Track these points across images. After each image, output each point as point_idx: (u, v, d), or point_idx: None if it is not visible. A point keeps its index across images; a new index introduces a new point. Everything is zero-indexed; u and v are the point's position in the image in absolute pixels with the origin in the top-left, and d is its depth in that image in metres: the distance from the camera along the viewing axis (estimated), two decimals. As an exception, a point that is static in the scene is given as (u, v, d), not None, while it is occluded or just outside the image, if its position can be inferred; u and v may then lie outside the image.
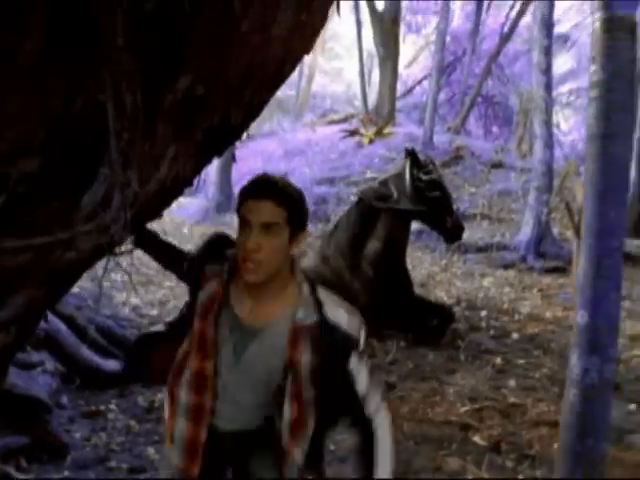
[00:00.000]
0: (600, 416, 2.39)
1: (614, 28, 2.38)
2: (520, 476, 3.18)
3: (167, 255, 2.07)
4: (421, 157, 4.55)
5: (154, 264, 8.48)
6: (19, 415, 3.18)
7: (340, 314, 1.59)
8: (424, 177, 4.01)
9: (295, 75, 21.97)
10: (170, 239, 8.04)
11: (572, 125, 20.59)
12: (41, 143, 1.25)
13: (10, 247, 1.26)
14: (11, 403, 3.14)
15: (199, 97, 1.47)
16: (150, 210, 1.66)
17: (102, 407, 3.72)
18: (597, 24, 2.43)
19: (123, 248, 1.69)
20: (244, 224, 1.50)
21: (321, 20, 1.56)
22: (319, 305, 1.58)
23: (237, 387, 1.61)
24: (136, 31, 1.14)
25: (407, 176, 3.96)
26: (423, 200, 3.99)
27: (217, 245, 2.07)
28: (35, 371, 3.45)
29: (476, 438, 3.51)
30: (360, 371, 1.58)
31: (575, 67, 20.83)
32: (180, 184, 1.68)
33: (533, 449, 3.41)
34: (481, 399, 4.07)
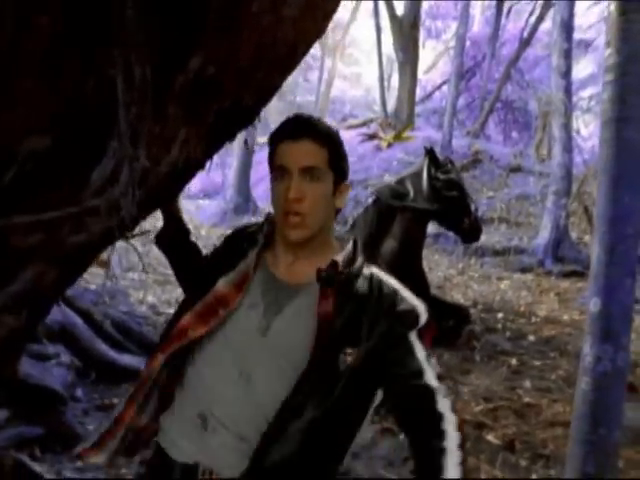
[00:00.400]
0: (613, 405, 2.35)
1: (629, 11, 2.35)
2: (534, 475, 3.15)
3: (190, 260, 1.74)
4: (440, 157, 4.53)
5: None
6: (34, 405, 3.21)
7: (394, 282, 1.33)
8: (442, 176, 3.98)
9: (314, 80, 22.07)
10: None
11: (592, 131, 20.41)
12: (52, 122, 1.27)
13: (20, 224, 1.28)
14: (26, 393, 3.18)
15: (210, 79, 1.48)
16: (161, 192, 1.67)
17: (116, 400, 3.75)
18: (612, 7, 2.41)
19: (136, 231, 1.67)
20: (280, 173, 1.31)
21: (333, 2, 1.57)
22: (362, 263, 1.34)
23: (260, 369, 1.27)
24: (146, 6, 1.15)
25: (424, 175, 3.94)
26: (440, 199, 3.97)
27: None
28: (50, 363, 3.49)
29: (490, 437, 3.48)
30: (419, 352, 1.27)
31: (595, 72, 20.68)
32: (192, 167, 1.68)
33: (547, 449, 3.37)
34: (496, 399, 4.04)
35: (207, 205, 12.40)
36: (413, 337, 1.27)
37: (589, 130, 20.80)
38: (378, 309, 1.27)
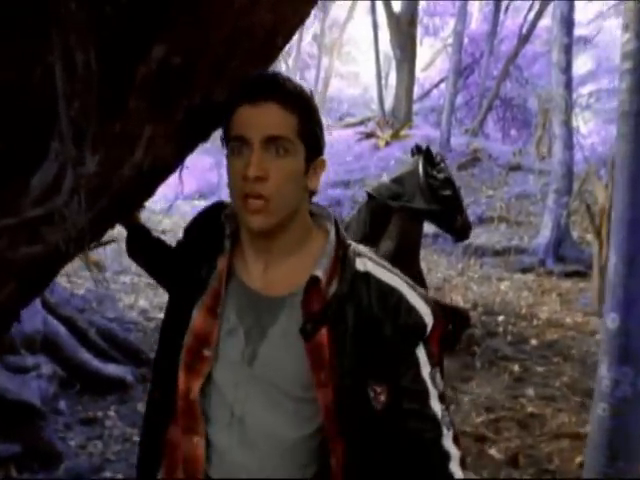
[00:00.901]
0: (633, 434, 2.14)
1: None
2: (539, 493, 2.99)
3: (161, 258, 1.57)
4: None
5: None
6: (11, 421, 3.04)
7: (393, 279, 1.11)
8: (439, 175, 3.81)
9: (311, 79, 21.88)
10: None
11: (592, 128, 20.25)
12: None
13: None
14: (2, 409, 3.01)
15: (176, 69, 1.30)
16: (126, 199, 1.50)
17: (100, 414, 3.57)
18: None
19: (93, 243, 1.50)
20: (237, 145, 1.06)
21: (315, -15, 1.40)
22: (352, 259, 1.10)
23: (251, 406, 1.09)
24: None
25: (421, 174, 3.77)
26: (437, 198, 3.80)
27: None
28: (29, 375, 3.32)
29: (492, 451, 3.31)
30: (425, 369, 1.11)
31: (594, 69, 20.50)
32: (160, 170, 1.51)
33: (553, 463, 3.21)
34: (498, 409, 3.87)
35: (202, 206, 12.16)
36: (420, 350, 1.10)
37: (588, 127, 20.63)
38: (384, 325, 1.07)
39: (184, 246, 1.33)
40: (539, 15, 15.89)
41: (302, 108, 1.07)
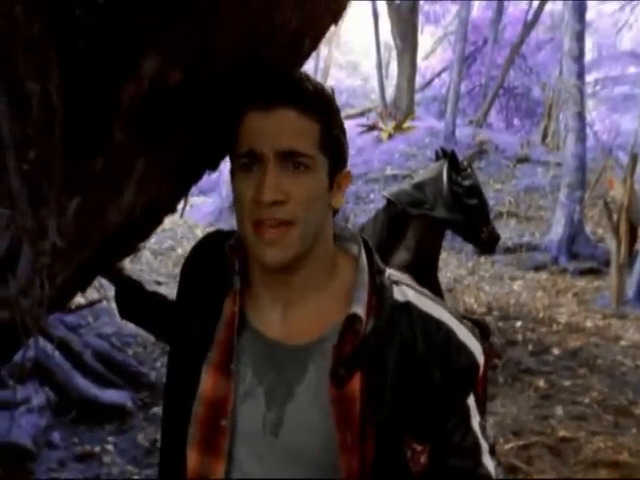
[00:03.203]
0: None
1: None
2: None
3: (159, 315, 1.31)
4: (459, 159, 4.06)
5: (164, 270, 7.94)
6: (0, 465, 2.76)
7: (442, 313, 0.92)
8: (464, 182, 3.50)
9: (310, 69, 21.49)
10: (184, 243, 7.49)
11: (595, 116, 19.89)
12: None
13: None
14: (-12, 452, 2.72)
15: (175, 88, 0.99)
16: (114, 250, 1.19)
17: (97, 448, 3.27)
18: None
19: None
20: (247, 162, 0.86)
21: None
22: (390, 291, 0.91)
23: None
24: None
25: (444, 180, 3.46)
26: (460, 208, 3.49)
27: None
28: (18, 411, 3.02)
29: (526, 486, 3.02)
30: (475, 419, 0.92)
31: (596, 56, 20.11)
32: (155, 212, 1.20)
33: (594, 499, 2.92)
34: (526, 433, 3.57)
35: (202, 203, 11.88)
36: (471, 399, 0.92)
37: (591, 116, 20.28)
38: (431, 369, 0.88)
39: (183, 291, 1.05)
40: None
41: (324, 113, 0.88)
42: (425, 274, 4.24)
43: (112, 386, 3.78)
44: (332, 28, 1.24)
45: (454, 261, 8.38)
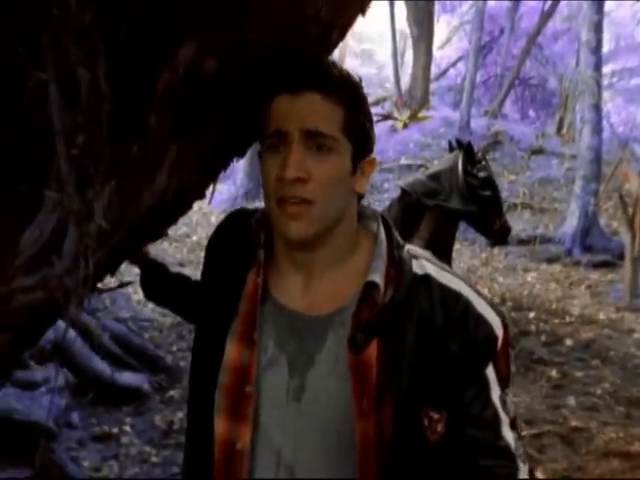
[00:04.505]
0: None
1: None
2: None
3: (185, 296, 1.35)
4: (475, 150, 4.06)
5: (179, 256, 7.96)
6: (21, 444, 2.82)
7: (461, 285, 0.94)
8: (479, 174, 3.51)
9: (324, 58, 21.41)
10: (199, 230, 7.55)
11: (612, 108, 19.70)
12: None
13: None
14: (11, 431, 2.79)
15: (209, 75, 1.02)
16: (145, 233, 1.23)
17: (115, 429, 3.34)
18: None
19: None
20: (274, 142, 0.91)
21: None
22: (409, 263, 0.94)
23: (302, 452, 0.92)
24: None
25: (460, 171, 3.47)
26: (475, 199, 3.51)
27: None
28: (39, 391, 3.09)
29: (539, 474, 3.05)
30: (495, 392, 0.94)
31: (613, 47, 19.87)
32: (186, 197, 1.24)
33: (606, 488, 2.95)
34: (539, 422, 3.60)
35: (216, 191, 11.90)
36: (490, 370, 0.93)
37: (607, 107, 20.09)
38: (449, 339, 0.90)
39: (208, 267, 1.10)
40: (562, -10, 15.31)
41: (349, 98, 0.92)
42: (440, 264, 4.26)
43: (129, 369, 3.85)
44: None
45: (467, 252, 8.38)
